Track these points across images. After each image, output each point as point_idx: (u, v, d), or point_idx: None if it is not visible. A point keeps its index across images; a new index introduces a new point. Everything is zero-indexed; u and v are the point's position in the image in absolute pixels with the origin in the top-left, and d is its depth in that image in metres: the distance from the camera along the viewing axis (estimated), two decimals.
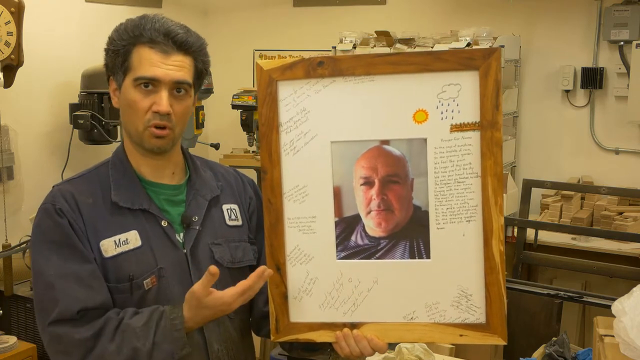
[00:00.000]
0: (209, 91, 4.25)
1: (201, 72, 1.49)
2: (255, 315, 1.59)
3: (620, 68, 3.96)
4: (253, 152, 4.58)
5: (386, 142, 1.33)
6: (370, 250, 1.37)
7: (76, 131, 3.87)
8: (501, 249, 1.31)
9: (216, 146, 4.45)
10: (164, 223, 1.46)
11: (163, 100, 1.40)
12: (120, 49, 1.43)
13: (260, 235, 1.56)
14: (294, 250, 1.39)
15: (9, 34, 3.18)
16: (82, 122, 3.72)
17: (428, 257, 1.34)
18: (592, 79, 4.02)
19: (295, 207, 1.38)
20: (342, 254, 1.37)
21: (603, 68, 4.02)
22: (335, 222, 1.36)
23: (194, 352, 1.45)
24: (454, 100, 1.30)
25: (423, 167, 1.32)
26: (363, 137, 1.33)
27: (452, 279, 1.34)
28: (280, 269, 1.39)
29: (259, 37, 4.98)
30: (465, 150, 1.31)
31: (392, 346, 2.27)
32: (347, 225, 1.37)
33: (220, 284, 1.49)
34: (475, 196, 1.31)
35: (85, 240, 1.40)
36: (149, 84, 1.40)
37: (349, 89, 1.32)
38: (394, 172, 1.34)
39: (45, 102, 3.91)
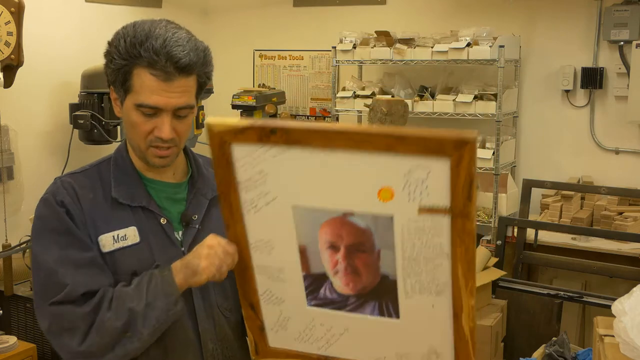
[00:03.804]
0: (209, 91, 4.25)
1: (204, 84, 1.46)
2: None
3: (620, 68, 3.96)
4: None
5: (350, 213, 1.21)
6: (340, 303, 1.31)
7: (76, 131, 3.87)
8: (471, 325, 1.23)
9: None
10: (162, 220, 1.46)
11: (165, 126, 1.39)
12: (120, 68, 1.39)
13: None
14: (265, 292, 1.36)
15: (9, 34, 3.19)
16: (82, 122, 3.72)
17: (397, 317, 1.29)
18: (592, 79, 4.02)
19: (262, 257, 1.32)
20: (313, 302, 1.33)
21: (603, 68, 4.02)
22: (303, 276, 1.30)
23: (188, 351, 1.45)
24: (422, 182, 1.15)
25: (390, 241, 1.20)
26: (325, 205, 1.22)
27: (421, 338, 1.29)
28: (254, 307, 1.38)
29: (259, 37, 4.98)
30: (435, 231, 1.18)
31: None
32: (315, 280, 1.31)
33: (218, 285, 1.49)
34: (445, 274, 1.21)
35: (85, 230, 1.41)
36: (151, 110, 1.39)
37: (307, 157, 1.19)
38: (359, 241, 1.24)
39: (45, 102, 3.91)
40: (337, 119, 4.41)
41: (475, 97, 3.89)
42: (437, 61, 3.96)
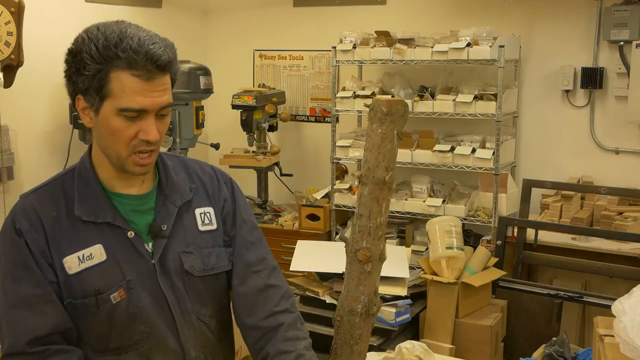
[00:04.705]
0: (209, 91, 4.25)
1: (174, 81, 1.42)
2: (240, 327, 1.57)
3: (620, 68, 3.96)
4: (253, 152, 4.59)
5: None
6: None
7: (76, 131, 3.87)
8: None
9: (216, 146, 4.45)
10: (130, 234, 1.43)
11: (152, 129, 1.36)
12: (95, 73, 1.32)
13: (235, 237, 1.55)
14: None
15: (9, 34, 3.18)
16: (82, 122, 3.71)
17: None
18: (592, 79, 4.02)
19: None
20: None
21: (603, 68, 4.01)
22: None
23: None
24: None
25: None
26: None
27: None
28: None
29: (259, 37, 4.98)
30: None
31: (391, 346, 2.27)
32: None
33: (193, 292, 1.48)
34: None
35: (44, 260, 1.38)
36: (135, 113, 1.34)
37: None
38: None
39: (45, 102, 3.91)
40: (337, 119, 4.41)
41: (475, 97, 3.89)
42: (437, 61, 3.96)
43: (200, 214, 1.53)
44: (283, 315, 1.53)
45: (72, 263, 1.39)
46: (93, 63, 1.32)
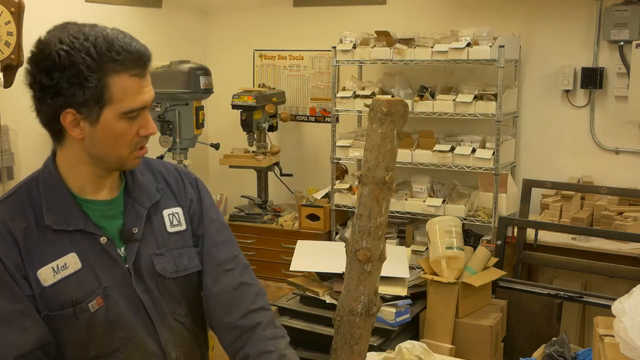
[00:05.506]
0: (209, 91, 4.25)
1: None
2: (215, 328, 1.56)
3: (620, 68, 3.96)
4: (253, 152, 4.59)
5: None
6: None
7: None
8: None
9: (216, 146, 4.45)
10: (102, 240, 1.41)
11: (150, 122, 1.38)
12: (97, 84, 1.30)
13: (203, 236, 1.55)
14: None
15: (9, 34, 3.18)
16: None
17: None
18: (592, 79, 4.02)
19: None
20: None
21: (603, 68, 4.01)
22: None
23: None
24: None
25: None
26: None
27: None
28: None
29: (259, 37, 4.98)
30: None
31: (391, 346, 2.27)
32: None
33: (167, 294, 1.47)
34: None
35: (19, 274, 1.34)
36: (136, 112, 1.36)
37: None
38: None
39: None
40: (337, 119, 4.41)
41: (475, 97, 3.89)
42: (437, 61, 3.96)
43: (169, 215, 1.52)
44: (260, 314, 1.53)
45: (47, 275, 1.35)
46: (92, 73, 1.30)
